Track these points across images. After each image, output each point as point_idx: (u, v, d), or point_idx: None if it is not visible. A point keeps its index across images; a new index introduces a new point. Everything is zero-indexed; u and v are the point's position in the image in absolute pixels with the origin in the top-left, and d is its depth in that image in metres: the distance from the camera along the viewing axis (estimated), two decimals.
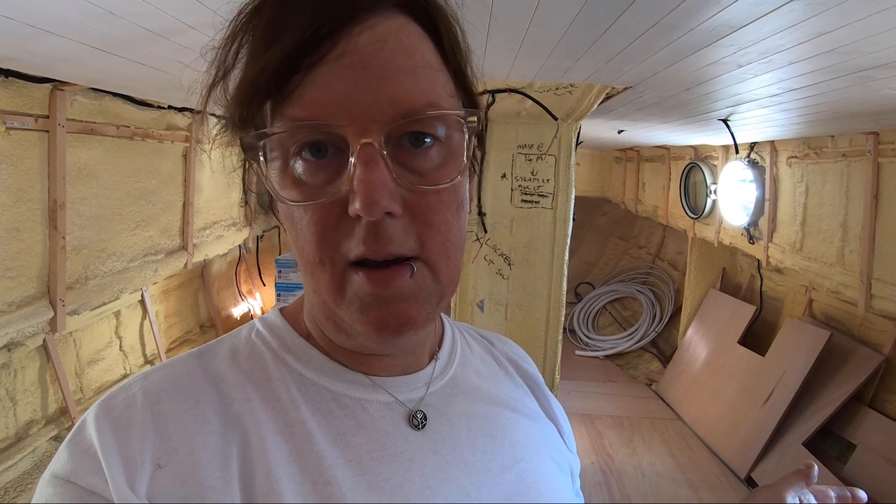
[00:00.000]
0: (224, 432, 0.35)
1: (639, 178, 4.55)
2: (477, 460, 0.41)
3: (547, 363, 2.30)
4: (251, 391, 0.38)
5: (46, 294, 1.65)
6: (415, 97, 0.33)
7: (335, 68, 0.32)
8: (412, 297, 0.35)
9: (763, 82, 1.43)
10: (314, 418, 0.38)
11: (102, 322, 2.20)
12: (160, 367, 0.39)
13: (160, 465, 0.33)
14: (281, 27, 0.32)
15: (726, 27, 0.99)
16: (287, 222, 0.37)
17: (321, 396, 0.39)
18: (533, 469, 0.44)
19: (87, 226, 1.80)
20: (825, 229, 2.37)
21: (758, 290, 3.27)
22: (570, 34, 1.12)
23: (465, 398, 0.45)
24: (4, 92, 1.41)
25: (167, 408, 0.36)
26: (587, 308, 5.01)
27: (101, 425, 0.34)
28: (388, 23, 0.33)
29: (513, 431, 0.45)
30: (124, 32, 1.01)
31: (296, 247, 0.36)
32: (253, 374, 0.39)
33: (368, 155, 0.32)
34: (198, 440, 0.35)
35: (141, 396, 0.36)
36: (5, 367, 1.68)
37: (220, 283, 3.29)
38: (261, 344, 0.41)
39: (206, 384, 0.38)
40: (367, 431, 0.38)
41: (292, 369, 0.40)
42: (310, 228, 0.34)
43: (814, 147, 2.40)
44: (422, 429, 0.41)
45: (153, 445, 0.34)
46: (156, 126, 2.12)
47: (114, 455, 0.33)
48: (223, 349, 0.41)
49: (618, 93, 1.74)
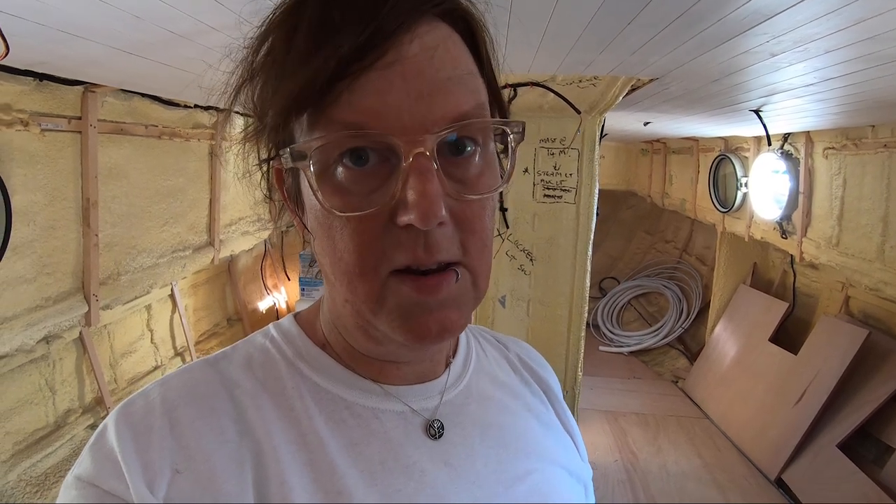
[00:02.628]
0: (239, 440, 0.36)
1: (666, 171, 4.44)
2: (490, 472, 0.41)
3: (569, 360, 2.27)
4: (265, 400, 0.38)
5: (81, 289, 1.71)
6: (463, 105, 0.33)
7: (387, 75, 0.31)
8: (455, 302, 0.35)
9: (798, 71, 1.37)
10: (327, 427, 0.38)
11: (134, 315, 2.28)
12: (178, 374, 0.40)
13: (178, 471, 0.34)
14: (330, 30, 0.31)
15: (759, 15, 0.95)
16: (321, 230, 0.35)
17: (335, 405, 0.39)
18: (546, 480, 0.43)
19: (119, 223, 1.86)
20: (864, 224, 2.27)
21: (790, 286, 3.16)
22: (593, 26, 1.09)
23: (480, 406, 0.44)
24: (39, 95, 1.46)
25: (184, 415, 0.36)
26: (612, 303, 4.94)
27: (121, 431, 0.35)
28: (435, 32, 0.33)
29: (526, 441, 0.45)
30: (149, 35, 1.03)
31: (330, 256, 0.35)
32: (267, 382, 0.39)
33: (423, 165, 0.31)
34: (214, 448, 0.35)
35: (159, 403, 0.37)
36: (44, 359, 1.75)
37: (246, 278, 3.36)
38: (275, 351, 0.42)
39: (222, 392, 0.38)
40: (380, 441, 0.39)
41: (306, 378, 0.40)
42: (352, 238, 0.33)
43: (852, 138, 2.29)
44: (438, 439, 0.40)
45: (171, 452, 0.35)
46: (182, 125, 2.17)
47: (133, 460, 0.34)
48: (238, 356, 0.42)
49: (643, 85, 1.70)
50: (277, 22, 0.35)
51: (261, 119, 0.36)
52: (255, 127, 0.38)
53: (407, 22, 0.32)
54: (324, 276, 0.41)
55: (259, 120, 0.37)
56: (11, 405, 1.62)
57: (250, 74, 0.36)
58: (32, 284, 1.52)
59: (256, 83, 0.36)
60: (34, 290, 1.53)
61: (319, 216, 0.35)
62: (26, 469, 1.62)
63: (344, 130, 0.32)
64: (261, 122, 0.37)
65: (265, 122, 0.36)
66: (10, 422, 1.61)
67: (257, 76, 0.36)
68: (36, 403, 1.72)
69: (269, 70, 0.35)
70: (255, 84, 0.36)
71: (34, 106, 1.45)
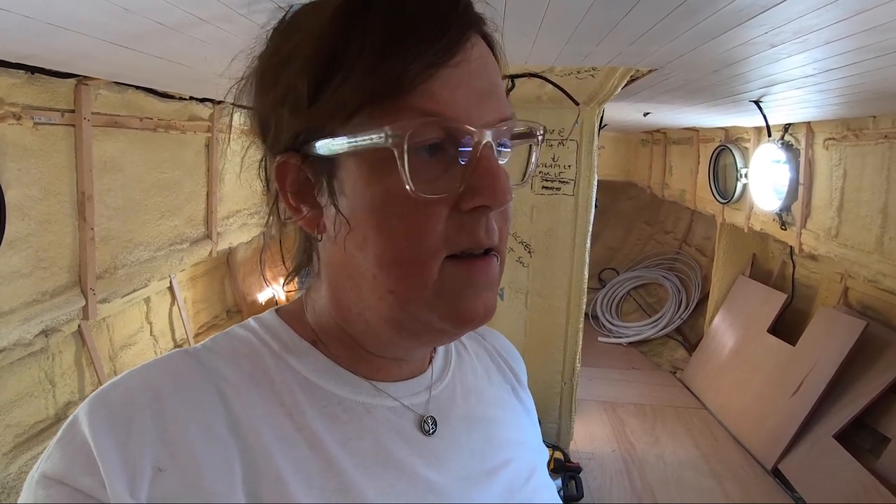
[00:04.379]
0: (226, 436, 0.34)
1: (666, 162, 4.42)
2: (476, 463, 0.42)
3: (567, 351, 2.28)
4: (253, 393, 0.37)
5: (78, 283, 1.71)
6: (506, 110, 0.38)
7: (456, 73, 0.35)
8: (494, 285, 0.38)
9: (798, 62, 1.35)
10: (321, 422, 0.37)
11: (133, 308, 2.28)
12: (157, 363, 0.37)
13: (160, 469, 0.32)
14: (406, 31, 0.34)
15: (757, 6, 0.93)
16: (373, 220, 0.35)
17: (326, 400, 0.38)
18: (526, 466, 0.46)
19: (115, 217, 1.85)
20: (863, 215, 2.26)
21: (789, 277, 3.16)
22: (591, 16, 1.08)
23: (465, 400, 0.46)
24: (31, 88, 1.44)
25: (167, 407, 0.34)
26: (611, 294, 4.94)
27: (96, 422, 0.32)
28: (481, 45, 0.38)
29: (504, 429, 0.47)
30: (138, 27, 1.02)
31: (379, 247, 0.35)
32: (255, 375, 0.38)
33: (491, 154, 0.35)
34: (200, 444, 0.33)
35: (139, 393, 0.34)
36: (43, 352, 1.75)
37: (245, 270, 3.36)
38: (260, 344, 0.40)
39: (207, 384, 0.36)
40: (374, 436, 0.39)
41: (295, 372, 0.39)
42: (420, 223, 0.35)
43: (853, 128, 2.27)
44: (431, 435, 0.41)
45: (153, 447, 0.32)
46: (178, 117, 2.15)
47: (111, 456, 0.31)
48: (221, 348, 0.40)
49: (642, 75, 1.68)
50: (353, 18, 0.35)
51: (295, 113, 0.36)
52: (269, 121, 0.38)
53: (468, 32, 0.36)
54: (338, 275, 0.39)
55: (293, 113, 0.36)
56: (12, 398, 1.63)
57: (329, 68, 0.35)
58: (29, 279, 1.52)
59: (333, 75, 0.35)
60: (30, 284, 1.53)
61: (376, 204, 0.35)
62: (27, 461, 1.63)
63: (420, 118, 0.33)
64: (295, 115, 0.36)
65: (341, 108, 0.35)
66: (10, 414, 1.62)
67: (339, 66, 0.35)
68: (36, 396, 1.73)
69: (334, 64, 0.35)
70: (302, 78, 0.36)
71: (26, 99, 1.44)
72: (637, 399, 3.33)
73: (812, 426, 2.44)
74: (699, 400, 3.33)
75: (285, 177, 0.38)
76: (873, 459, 2.17)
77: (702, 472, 2.60)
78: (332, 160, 0.36)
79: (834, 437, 2.30)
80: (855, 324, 2.42)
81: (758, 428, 2.75)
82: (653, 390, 3.49)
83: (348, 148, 0.35)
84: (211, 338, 0.41)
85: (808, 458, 2.39)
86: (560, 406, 2.31)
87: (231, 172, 2.66)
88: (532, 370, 2.33)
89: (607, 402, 3.27)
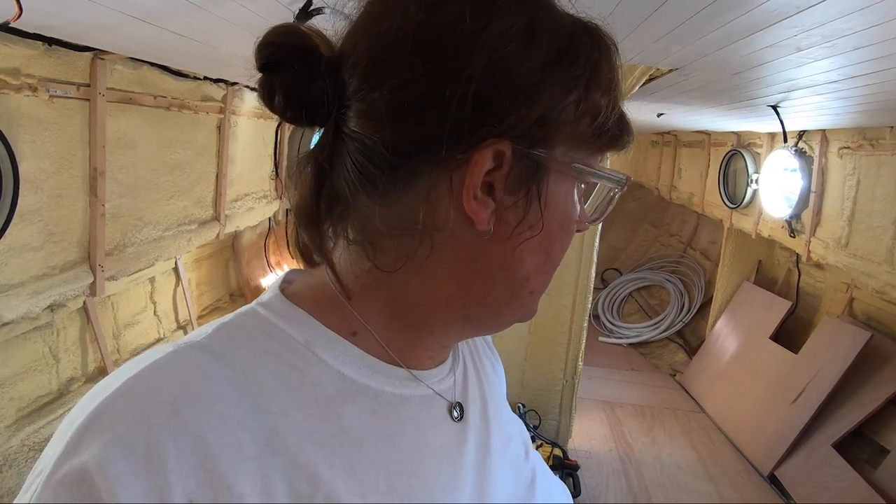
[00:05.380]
0: (263, 454, 0.31)
1: (675, 164, 4.40)
2: (494, 441, 0.44)
3: (571, 349, 2.28)
4: (286, 397, 0.33)
5: (87, 259, 1.70)
6: None
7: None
8: None
9: (822, 68, 1.34)
10: (361, 422, 0.35)
11: (138, 287, 2.28)
12: (164, 365, 0.32)
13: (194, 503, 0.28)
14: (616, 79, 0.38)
15: (791, 7, 0.92)
16: (559, 231, 0.38)
17: (363, 395, 0.36)
18: (521, 440, 0.49)
19: (126, 194, 1.85)
20: (875, 226, 2.24)
21: (795, 285, 3.15)
22: (619, 11, 1.07)
23: (478, 381, 0.46)
24: (48, 60, 1.43)
25: (189, 424, 0.29)
26: (613, 294, 4.93)
27: (116, 470, 0.27)
28: None
29: (502, 405, 0.50)
30: (162, 3, 1.01)
31: (546, 253, 0.38)
32: (281, 374, 0.34)
33: None
34: (234, 468, 0.29)
35: (152, 410, 0.29)
36: (48, 327, 1.75)
37: (249, 254, 3.36)
38: (282, 337, 0.36)
39: (231, 390, 0.31)
40: (410, 430, 0.38)
41: (328, 367, 0.36)
42: (570, 238, 0.40)
43: (869, 138, 2.26)
44: (459, 421, 0.41)
45: (180, 478, 0.28)
46: (191, 97, 2.14)
47: (134, 495, 0.26)
48: (236, 341, 0.35)
49: (662, 74, 1.66)
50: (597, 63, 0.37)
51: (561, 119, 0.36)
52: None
53: None
54: (467, 268, 0.37)
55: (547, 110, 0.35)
56: (16, 371, 1.63)
57: (589, 93, 0.36)
58: (39, 252, 1.51)
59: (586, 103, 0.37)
60: (41, 258, 1.52)
61: (565, 222, 0.38)
62: (29, 434, 1.64)
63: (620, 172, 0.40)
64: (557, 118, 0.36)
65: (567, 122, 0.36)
66: (14, 388, 1.63)
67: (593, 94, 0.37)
68: (39, 371, 1.73)
69: (597, 86, 0.37)
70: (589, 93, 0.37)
71: (43, 71, 1.43)
72: (636, 400, 3.34)
73: (811, 434, 2.45)
74: (698, 404, 3.33)
75: (491, 163, 0.34)
76: (871, 470, 2.18)
77: (698, 475, 2.61)
78: (546, 167, 0.36)
79: (833, 447, 2.30)
80: (859, 334, 2.41)
81: (756, 434, 2.76)
82: (652, 392, 3.50)
83: (588, 172, 0.37)
84: (217, 328, 0.35)
85: (806, 465, 2.40)
86: (560, 404, 2.31)
87: (241, 155, 2.65)
88: (534, 367, 2.33)
89: (606, 401, 3.27)
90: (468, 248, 0.36)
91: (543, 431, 2.27)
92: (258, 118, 2.79)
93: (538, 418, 2.25)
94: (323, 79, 0.34)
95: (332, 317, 0.37)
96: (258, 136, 2.91)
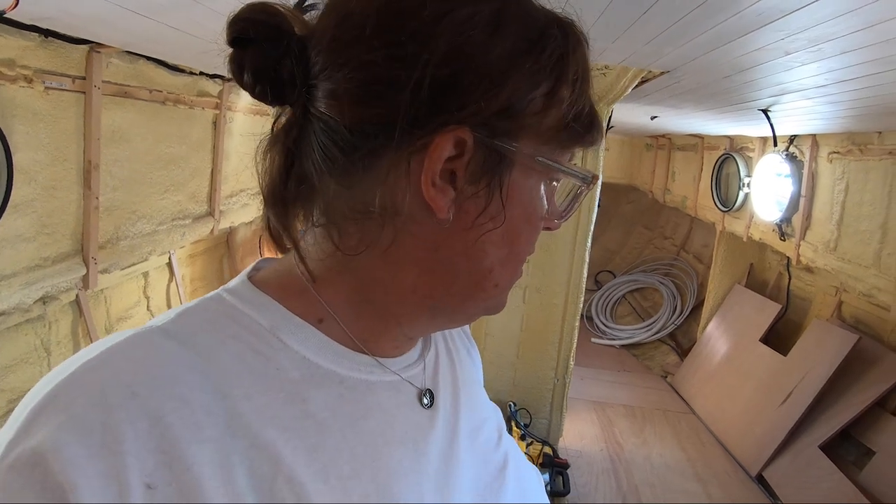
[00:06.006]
0: (224, 436, 0.30)
1: (669, 167, 4.43)
2: (463, 427, 0.43)
3: (562, 349, 2.29)
4: (249, 381, 0.32)
5: (80, 252, 1.70)
6: None
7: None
8: None
9: (810, 72, 1.36)
10: (326, 406, 0.35)
11: (131, 282, 2.28)
12: (122, 348, 0.31)
13: (150, 486, 0.27)
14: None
15: (777, 10, 0.94)
16: (523, 223, 0.38)
17: (329, 380, 0.36)
18: (494, 425, 0.49)
19: (120, 188, 1.85)
20: (863, 230, 2.28)
21: (785, 288, 3.18)
22: (609, 13, 1.08)
23: (449, 367, 0.46)
24: (43, 52, 1.44)
25: (147, 407, 0.28)
26: (606, 296, 4.96)
27: (70, 452, 0.26)
28: None
29: (477, 390, 0.50)
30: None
31: (511, 245, 0.38)
32: (246, 358, 0.33)
33: None
34: (193, 449, 0.28)
35: (110, 392, 0.28)
36: (40, 319, 1.75)
37: (244, 250, 3.35)
38: (247, 321, 0.35)
39: (189, 374, 0.31)
40: (377, 414, 0.37)
41: (293, 352, 0.35)
42: (537, 237, 0.40)
43: (858, 143, 2.29)
44: (429, 408, 0.41)
45: (138, 460, 0.27)
46: (187, 92, 2.14)
47: (90, 477, 0.26)
48: (198, 325, 0.34)
49: (654, 77, 1.68)
50: (567, 59, 0.37)
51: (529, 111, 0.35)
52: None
53: None
54: (431, 258, 0.36)
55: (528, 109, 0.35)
56: (7, 363, 1.63)
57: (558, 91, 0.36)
58: (32, 243, 1.51)
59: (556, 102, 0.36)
60: (33, 249, 1.52)
61: (531, 215, 0.38)
62: None
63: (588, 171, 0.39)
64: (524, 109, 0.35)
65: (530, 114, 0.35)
66: (4, 380, 1.62)
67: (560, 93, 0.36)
68: (31, 363, 1.73)
69: (564, 81, 0.36)
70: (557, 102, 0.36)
71: (38, 63, 1.43)
72: (627, 401, 3.36)
73: (799, 435, 2.47)
74: (688, 405, 3.36)
75: (452, 150, 0.34)
76: (857, 471, 2.20)
77: (687, 475, 2.63)
78: (509, 158, 0.35)
79: (819, 448, 2.32)
80: (847, 337, 2.44)
81: (745, 435, 2.78)
82: (643, 393, 3.52)
83: (553, 167, 0.37)
84: (180, 312, 0.34)
85: (793, 466, 2.43)
86: (552, 402, 2.33)
87: (236, 151, 2.65)
88: (526, 366, 2.35)
89: (597, 402, 3.29)
90: (430, 235, 0.36)
91: (534, 430, 2.29)
92: (254, 114, 2.80)
93: (529, 417, 2.27)
94: (291, 56, 0.34)
95: (299, 303, 0.37)
96: (254, 132, 2.91)
